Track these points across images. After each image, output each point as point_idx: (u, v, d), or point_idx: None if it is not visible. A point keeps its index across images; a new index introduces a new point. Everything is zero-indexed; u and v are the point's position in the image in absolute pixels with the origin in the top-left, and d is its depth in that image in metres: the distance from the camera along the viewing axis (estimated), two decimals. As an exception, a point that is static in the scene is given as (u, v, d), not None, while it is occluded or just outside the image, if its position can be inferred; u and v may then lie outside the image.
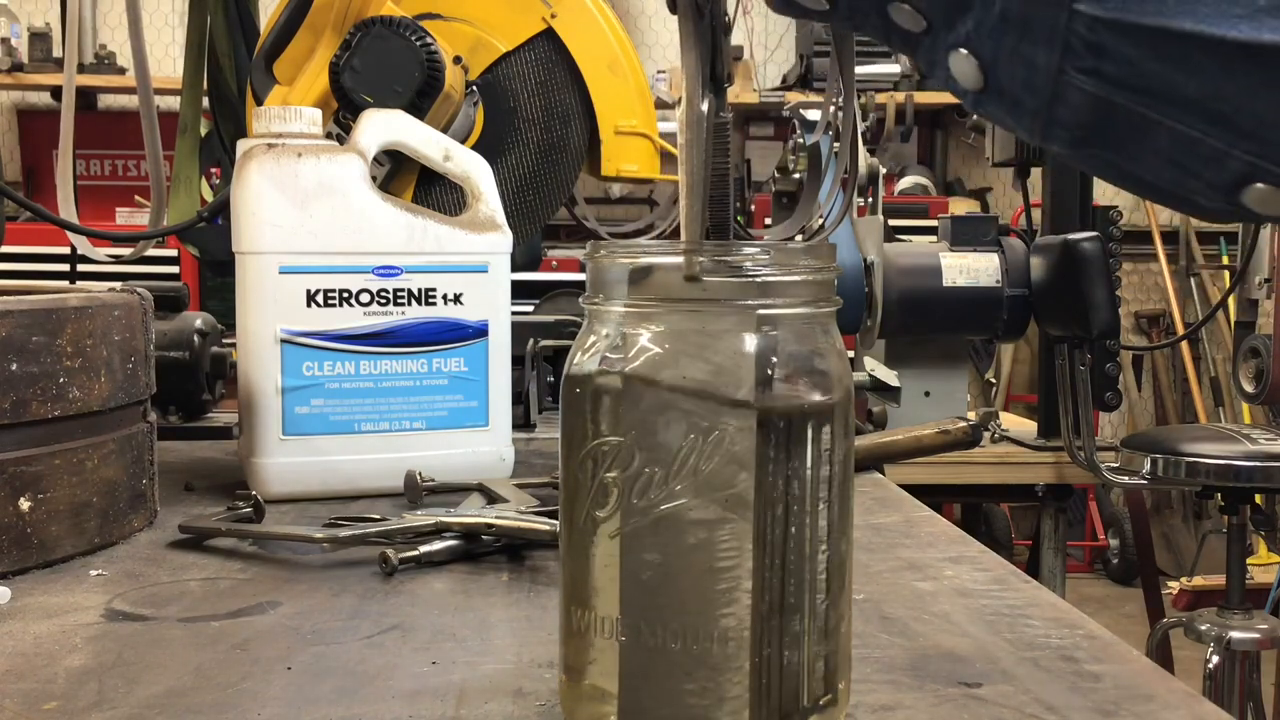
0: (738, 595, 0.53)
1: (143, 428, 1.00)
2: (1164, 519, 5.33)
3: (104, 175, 4.88)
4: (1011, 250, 2.51)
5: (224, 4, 1.66)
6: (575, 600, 0.57)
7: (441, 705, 0.63)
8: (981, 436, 1.34)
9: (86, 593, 0.84)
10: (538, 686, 0.65)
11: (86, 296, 0.93)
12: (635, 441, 0.54)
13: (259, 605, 0.80)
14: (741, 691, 0.54)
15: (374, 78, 1.10)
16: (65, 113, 1.51)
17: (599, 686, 0.56)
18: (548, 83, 1.20)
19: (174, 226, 1.56)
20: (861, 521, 1.04)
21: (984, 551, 0.96)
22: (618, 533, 0.55)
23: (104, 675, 0.66)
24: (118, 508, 0.96)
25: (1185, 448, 2.37)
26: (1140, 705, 0.63)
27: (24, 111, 5.19)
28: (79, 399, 0.90)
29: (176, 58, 4.67)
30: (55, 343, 0.88)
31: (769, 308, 0.55)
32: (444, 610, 0.79)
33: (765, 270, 0.55)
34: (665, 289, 0.55)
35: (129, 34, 1.51)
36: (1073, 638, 0.74)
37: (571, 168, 1.22)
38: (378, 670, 0.68)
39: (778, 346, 0.55)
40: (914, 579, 0.88)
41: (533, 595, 0.83)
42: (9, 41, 4.70)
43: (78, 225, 1.47)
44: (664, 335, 0.55)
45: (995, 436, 2.70)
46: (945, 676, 0.68)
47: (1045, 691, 0.65)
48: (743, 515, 0.53)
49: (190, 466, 1.32)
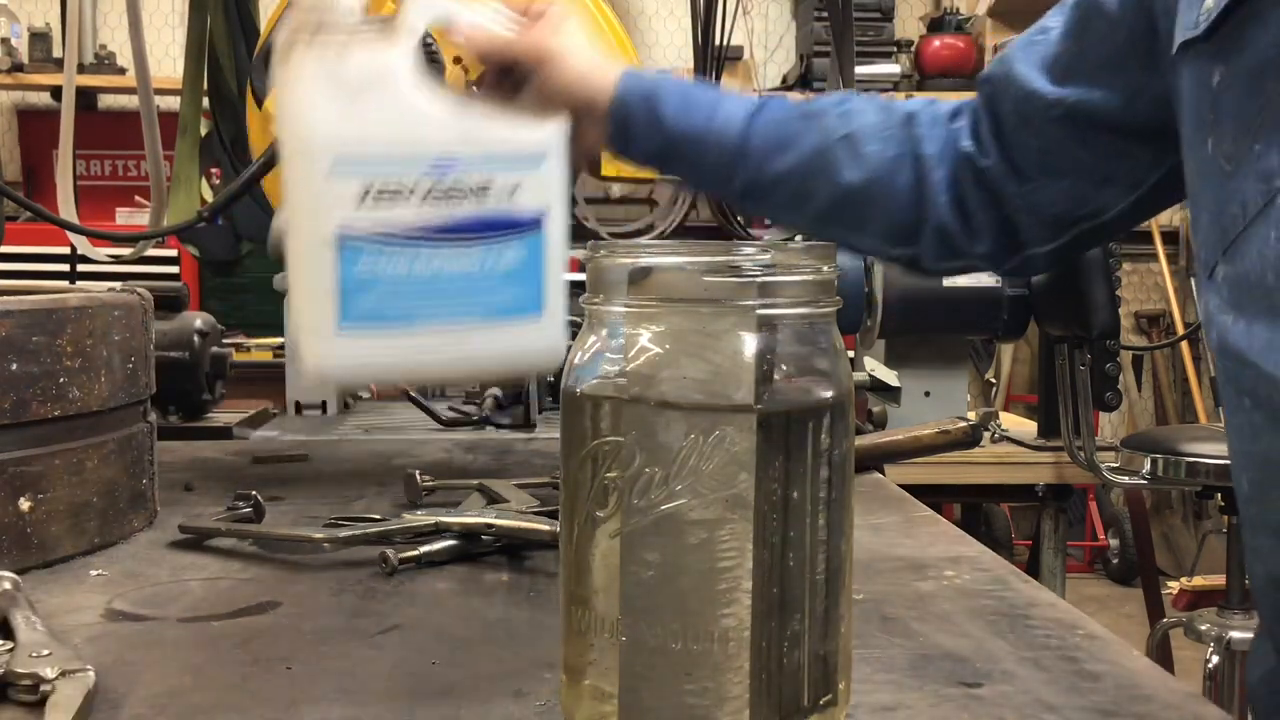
0: (738, 595, 0.53)
1: (143, 428, 1.00)
2: (1164, 519, 5.32)
3: (104, 175, 4.88)
4: (1012, 250, 2.51)
5: (224, 4, 1.66)
6: (575, 600, 0.57)
7: (441, 705, 0.63)
8: (981, 436, 1.34)
9: (86, 593, 0.83)
10: (538, 686, 0.65)
11: (86, 296, 0.93)
12: (635, 441, 0.54)
13: (259, 605, 0.80)
14: (741, 691, 0.54)
15: (374, 77, 1.10)
16: (65, 113, 1.51)
17: (599, 686, 0.56)
18: (548, 83, 1.19)
19: (174, 226, 1.56)
20: (861, 521, 1.04)
21: (984, 551, 0.96)
22: (618, 533, 0.54)
23: (104, 675, 0.66)
24: (118, 508, 0.96)
25: (1185, 448, 2.37)
26: (1140, 705, 0.63)
27: (24, 111, 5.18)
28: (79, 399, 0.90)
29: (176, 58, 4.66)
30: (55, 343, 0.88)
31: (769, 308, 0.55)
32: (444, 610, 0.79)
33: (765, 270, 0.55)
34: (665, 289, 0.55)
35: (129, 34, 1.51)
36: (1073, 638, 0.74)
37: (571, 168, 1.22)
38: (378, 670, 0.68)
39: (778, 346, 0.55)
40: (914, 579, 0.88)
41: (533, 595, 0.83)
42: (9, 41, 4.70)
43: (78, 225, 1.47)
44: (664, 335, 0.55)
45: (995, 436, 2.70)
46: (945, 676, 0.68)
47: (1045, 691, 0.65)
48: (743, 515, 0.53)
49: (190, 466, 1.32)
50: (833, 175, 1.03)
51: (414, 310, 1.02)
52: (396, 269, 1.02)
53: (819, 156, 1.03)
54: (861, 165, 1.02)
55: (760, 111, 1.05)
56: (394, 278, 1.02)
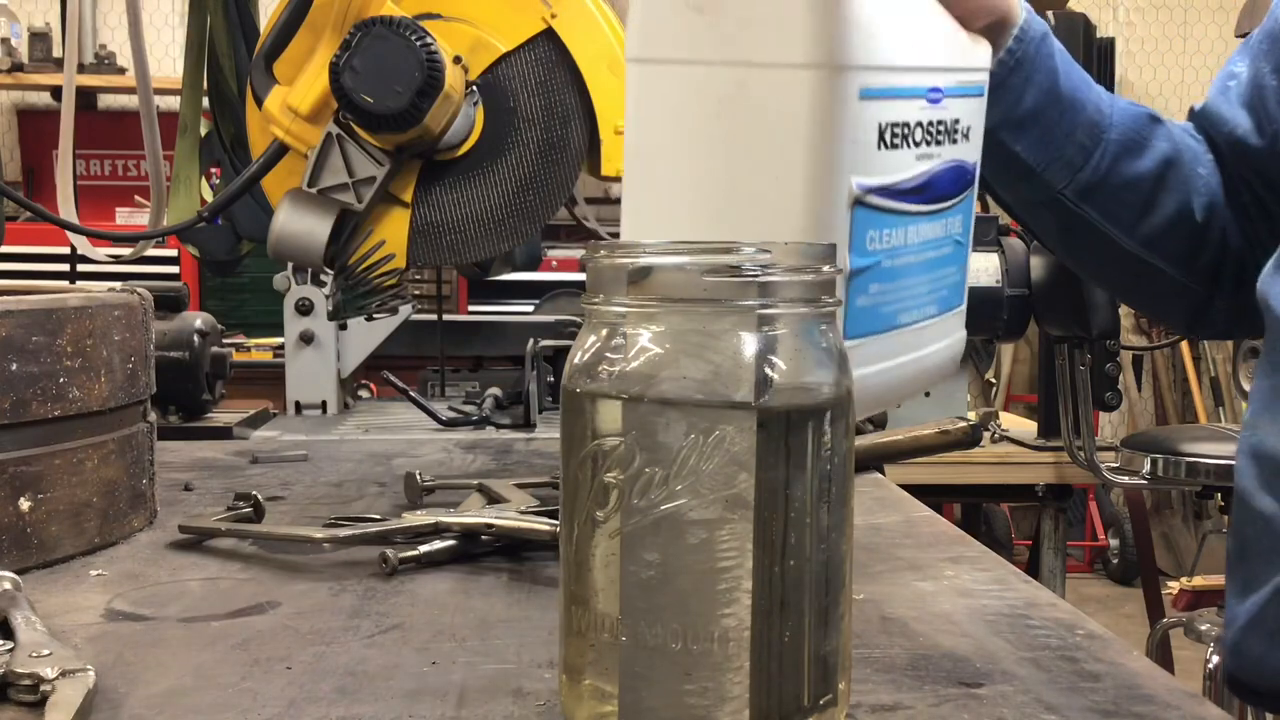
0: (738, 595, 0.53)
1: (143, 428, 1.00)
2: (1164, 519, 5.32)
3: (104, 175, 4.88)
4: (1011, 250, 2.51)
5: (224, 4, 1.65)
6: (575, 600, 0.57)
7: (441, 705, 0.63)
8: (981, 436, 1.34)
9: (86, 593, 0.83)
10: (538, 686, 0.65)
11: (86, 296, 0.93)
12: (635, 441, 0.54)
13: (259, 605, 0.80)
14: (741, 691, 0.54)
15: (374, 78, 1.10)
16: (65, 113, 1.51)
17: (599, 686, 0.56)
18: (548, 83, 1.20)
19: (174, 226, 1.56)
20: (861, 521, 1.04)
21: (984, 551, 0.96)
22: (618, 533, 0.55)
23: (104, 675, 0.66)
24: (118, 508, 0.96)
25: (1185, 448, 2.37)
26: (1140, 705, 0.63)
27: (24, 111, 5.18)
28: (79, 399, 0.90)
29: (176, 58, 4.66)
30: (55, 343, 0.88)
31: (769, 308, 0.55)
32: (444, 610, 0.79)
33: (765, 270, 0.54)
34: (665, 289, 0.55)
35: (129, 34, 1.51)
36: (1073, 638, 0.74)
37: (571, 168, 1.22)
38: (378, 670, 0.68)
39: (777, 346, 0.55)
40: (914, 579, 0.88)
41: (533, 595, 0.83)
42: (9, 41, 4.70)
43: (78, 225, 1.47)
44: (664, 335, 0.55)
45: (995, 436, 2.70)
46: (945, 676, 0.68)
47: (1045, 691, 0.65)
48: (743, 515, 0.53)
49: (190, 466, 1.32)
50: (1181, 194, 0.94)
51: (899, 306, 0.80)
52: (896, 244, 0.77)
53: (1171, 170, 0.94)
54: (1201, 188, 0.94)
55: (1114, 100, 0.93)
56: (891, 260, 0.77)
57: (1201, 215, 0.96)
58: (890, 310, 0.79)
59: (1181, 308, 1.03)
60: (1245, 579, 0.87)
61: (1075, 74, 0.92)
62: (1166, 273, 0.98)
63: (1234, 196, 0.99)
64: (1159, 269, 0.98)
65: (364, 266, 1.17)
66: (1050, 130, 0.91)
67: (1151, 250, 0.97)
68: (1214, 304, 1.02)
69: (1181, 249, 0.97)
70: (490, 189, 1.20)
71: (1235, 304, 1.00)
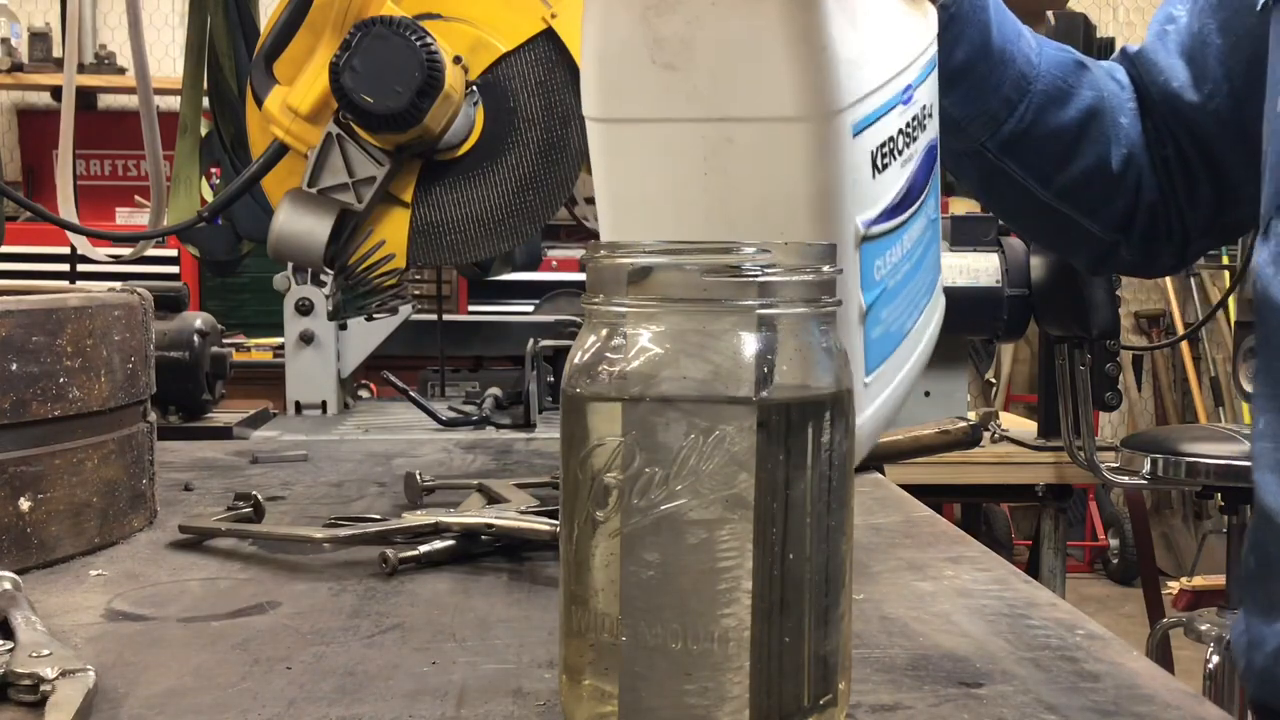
0: (738, 595, 0.53)
1: (143, 428, 1.00)
2: (1164, 519, 5.32)
3: (104, 175, 4.88)
4: (1011, 250, 2.51)
5: (224, 4, 1.66)
6: (575, 600, 0.57)
7: (441, 705, 0.63)
8: (981, 436, 1.34)
9: (86, 593, 0.83)
10: (538, 686, 0.65)
11: (86, 296, 0.93)
12: (635, 441, 0.54)
13: (259, 605, 0.80)
14: (741, 691, 0.54)
15: (374, 78, 1.10)
16: (65, 113, 1.51)
17: (599, 686, 0.56)
18: (548, 83, 1.19)
19: (174, 226, 1.56)
20: (861, 521, 1.04)
21: (984, 551, 0.96)
22: (618, 533, 0.55)
23: (104, 675, 0.66)
24: (118, 508, 0.96)
25: (1185, 448, 2.37)
26: (1140, 705, 0.63)
27: (24, 111, 5.18)
28: (79, 399, 0.90)
29: (176, 58, 4.66)
30: (55, 343, 0.88)
31: (769, 308, 0.55)
32: (444, 610, 0.79)
33: (765, 270, 0.55)
34: (665, 289, 0.55)
35: (129, 34, 1.51)
36: (1073, 638, 0.74)
37: (571, 168, 1.22)
38: (378, 670, 0.68)
39: (777, 346, 0.55)
40: (914, 579, 0.88)
41: (533, 595, 0.83)
42: (9, 41, 4.70)
43: (78, 225, 1.47)
44: (664, 335, 0.55)
45: (995, 436, 2.70)
46: (945, 676, 0.68)
47: (1045, 691, 0.65)
48: (743, 515, 0.53)
49: (190, 466, 1.32)
50: (1101, 145, 0.93)
51: (902, 318, 0.78)
52: (895, 260, 0.74)
53: (1094, 120, 0.92)
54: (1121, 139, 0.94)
55: (1042, 48, 0.91)
56: (894, 278, 0.74)
57: (1118, 166, 0.96)
58: (898, 325, 0.77)
59: (1087, 251, 1.05)
60: (1271, 599, 0.84)
61: (1008, 25, 0.90)
62: (1078, 221, 0.99)
63: (1156, 148, 0.98)
64: (1071, 218, 0.98)
65: (364, 266, 1.17)
66: (978, 85, 0.89)
67: (1065, 201, 0.97)
68: (1119, 250, 1.03)
69: (1095, 199, 0.97)
70: (490, 189, 1.20)
71: (1143, 248, 1.01)
